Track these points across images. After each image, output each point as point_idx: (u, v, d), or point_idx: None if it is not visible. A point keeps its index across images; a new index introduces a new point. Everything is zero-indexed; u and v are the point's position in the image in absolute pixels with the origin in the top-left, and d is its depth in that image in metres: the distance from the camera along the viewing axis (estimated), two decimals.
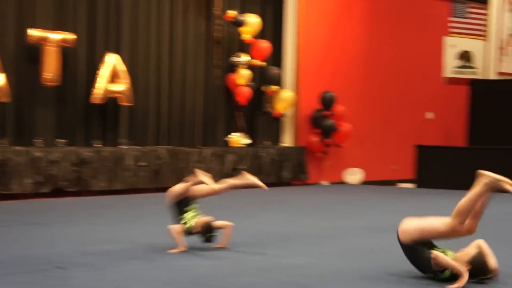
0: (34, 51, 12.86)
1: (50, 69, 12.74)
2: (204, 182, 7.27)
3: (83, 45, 13.55)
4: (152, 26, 14.54)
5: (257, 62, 15.67)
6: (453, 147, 18.04)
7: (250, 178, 7.42)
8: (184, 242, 6.99)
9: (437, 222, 5.79)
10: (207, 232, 6.94)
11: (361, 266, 6.40)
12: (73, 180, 12.56)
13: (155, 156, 13.66)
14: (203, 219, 7.08)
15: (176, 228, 7.08)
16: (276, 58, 16.36)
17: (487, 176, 5.68)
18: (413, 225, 5.94)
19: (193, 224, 7.03)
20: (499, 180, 5.64)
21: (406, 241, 5.87)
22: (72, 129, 13.47)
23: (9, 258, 6.44)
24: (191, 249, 7.09)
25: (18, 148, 12.19)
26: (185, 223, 7.05)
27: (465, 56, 20.25)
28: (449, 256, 5.57)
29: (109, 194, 12.69)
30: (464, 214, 5.60)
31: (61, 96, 13.29)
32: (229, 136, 15.55)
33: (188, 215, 7.11)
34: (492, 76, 20.63)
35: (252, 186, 7.50)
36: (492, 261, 5.58)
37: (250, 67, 15.56)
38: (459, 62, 20.12)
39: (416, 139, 17.65)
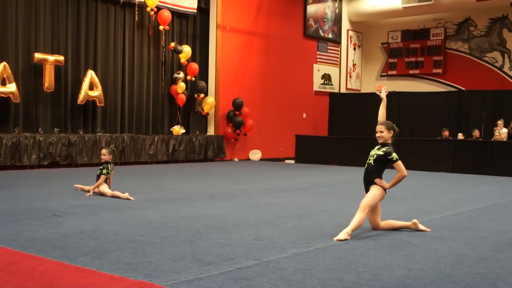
0: (38, 68, 12.67)
1: (48, 80, 12.56)
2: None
3: (70, 64, 13.37)
4: (118, 52, 14.40)
5: (190, 77, 15.69)
6: (318, 136, 18.23)
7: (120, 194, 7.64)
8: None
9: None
10: None
11: (260, 214, 6.41)
12: (64, 156, 12.41)
13: (121, 140, 13.53)
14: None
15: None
16: (203, 75, 16.31)
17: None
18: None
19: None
20: None
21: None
22: (63, 121, 13.28)
23: (21, 209, 6.42)
24: (144, 205, 7.15)
25: (26, 134, 11.97)
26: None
27: (326, 77, 20.31)
28: None
29: (89, 166, 12.51)
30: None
31: (56, 99, 13.08)
32: (171, 127, 15.49)
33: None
34: (343, 90, 21.00)
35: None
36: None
37: (185, 81, 15.62)
38: (323, 81, 20.18)
39: (296, 130, 17.86)
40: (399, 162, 5.40)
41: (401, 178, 5.41)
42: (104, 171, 7.84)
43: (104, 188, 7.77)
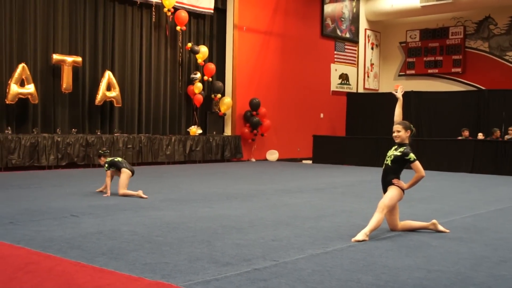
0: (56, 69, 12.78)
1: (66, 81, 12.66)
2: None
3: (88, 65, 13.47)
4: (135, 52, 14.48)
5: (207, 78, 15.73)
6: (336, 136, 18.18)
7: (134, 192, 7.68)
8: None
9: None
10: None
11: (277, 215, 6.40)
12: (82, 156, 12.51)
13: (138, 141, 13.61)
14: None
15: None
16: (220, 75, 16.32)
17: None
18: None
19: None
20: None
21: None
22: (81, 122, 13.38)
23: (40, 208, 6.48)
24: (161, 205, 7.16)
25: (45, 134, 12.08)
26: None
27: (343, 77, 20.30)
28: None
29: None
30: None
31: (74, 99, 13.18)
32: (188, 128, 15.53)
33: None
34: (360, 90, 20.96)
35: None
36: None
37: (202, 81, 15.64)
38: (340, 81, 20.17)
39: (313, 130, 17.88)
40: (417, 163, 5.35)
41: (419, 179, 5.37)
42: (105, 167, 8.01)
43: (122, 185, 7.79)
